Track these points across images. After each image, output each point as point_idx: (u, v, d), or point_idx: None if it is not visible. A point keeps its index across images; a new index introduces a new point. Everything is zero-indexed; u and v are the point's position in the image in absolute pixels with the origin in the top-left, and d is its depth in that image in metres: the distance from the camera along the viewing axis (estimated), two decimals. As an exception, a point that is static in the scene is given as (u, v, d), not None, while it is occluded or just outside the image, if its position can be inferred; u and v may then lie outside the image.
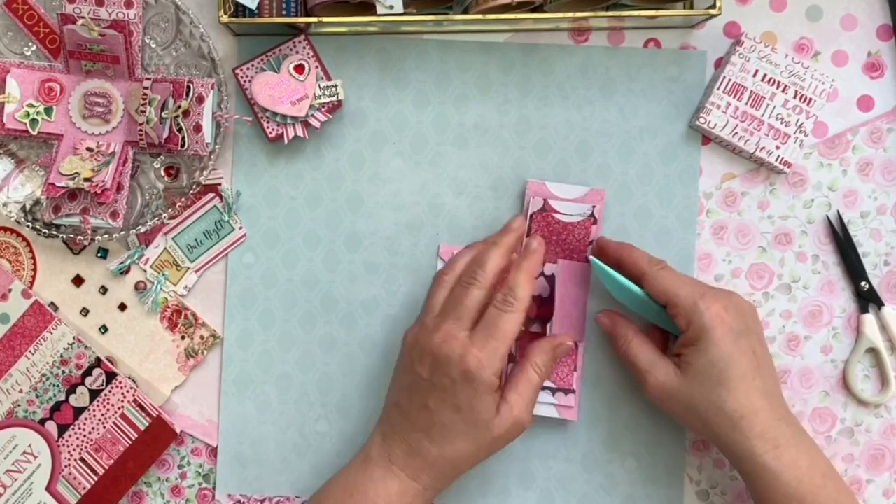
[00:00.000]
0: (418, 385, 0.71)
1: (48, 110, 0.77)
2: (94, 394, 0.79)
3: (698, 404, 0.71)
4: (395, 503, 0.71)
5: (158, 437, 0.79)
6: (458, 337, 0.70)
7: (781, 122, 0.78)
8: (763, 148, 0.78)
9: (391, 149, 0.81)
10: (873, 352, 0.81)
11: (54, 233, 0.78)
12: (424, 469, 0.72)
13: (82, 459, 0.79)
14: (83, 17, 0.74)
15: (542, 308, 0.79)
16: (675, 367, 0.73)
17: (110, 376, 0.79)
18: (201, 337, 0.81)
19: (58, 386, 0.79)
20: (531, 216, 0.79)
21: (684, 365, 0.72)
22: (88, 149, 0.77)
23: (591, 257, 0.75)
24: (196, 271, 0.81)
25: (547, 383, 0.79)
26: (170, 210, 0.78)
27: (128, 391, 0.79)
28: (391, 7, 0.72)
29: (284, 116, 0.78)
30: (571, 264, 0.79)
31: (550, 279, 0.78)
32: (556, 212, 0.79)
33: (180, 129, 0.76)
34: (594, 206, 0.79)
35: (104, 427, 0.79)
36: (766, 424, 0.69)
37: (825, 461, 0.71)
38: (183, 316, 0.81)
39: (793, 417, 0.72)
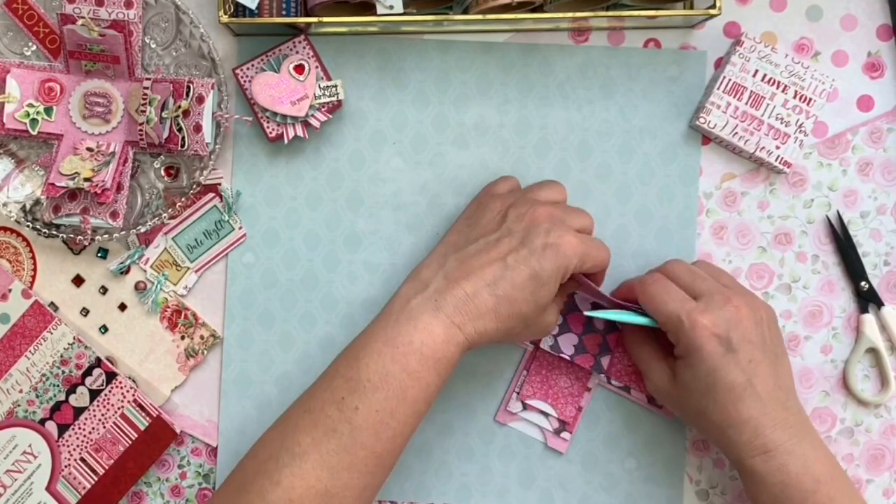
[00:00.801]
0: (502, 236, 0.70)
1: (48, 110, 0.77)
2: (94, 394, 0.79)
3: (687, 411, 0.74)
4: (441, 351, 0.68)
5: (158, 437, 0.79)
6: (564, 220, 0.71)
7: (781, 122, 0.78)
8: (763, 148, 0.78)
9: (391, 149, 0.81)
10: (873, 352, 0.81)
11: (54, 233, 0.78)
12: (473, 319, 0.69)
13: (82, 459, 0.79)
14: (83, 17, 0.74)
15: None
16: (669, 372, 0.74)
17: (110, 376, 0.79)
18: (201, 337, 0.81)
19: (58, 386, 0.79)
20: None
21: (676, 373, 0.73)
22: (88, 149, 0.77)
23: (586, 314, 0.75)
24: (196, 271, 0.81)
25: (551, 410, 0.80)
26: (170, 210, 0.78)
27: (128, 391, 0.79)
28: (391, 7, 0.72)
29: (284, 116, 0.78)
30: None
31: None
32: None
33: (180, 129, 0.76)
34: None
35: (104, 427, 0.79)
36: (755, 432, 0.70)
37: (824, 466, 0.70)
38: (183, 316, 0.81)
39: (796, 418, 0.71)
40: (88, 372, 0.79)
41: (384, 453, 0.68)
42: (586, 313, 0.75)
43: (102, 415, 0.79)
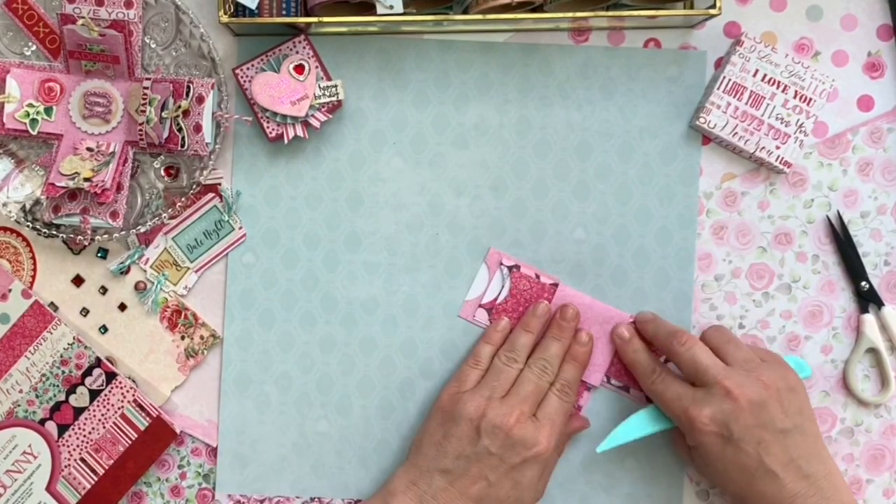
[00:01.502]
0: (482, 458, 0.73)
1: (48, 110, 0.77)
2: (94, 394, 0.79)
3: (710, 479, 0.76)
4: None
5: (158, 437, 0.79)
6: (531, 420, 0.74)
7: (781, 122, 0.78)
8: (763, 148, 0.78)
9: (391, 149, 0.81)
10: (873, 352, 0.81)
11: (54, 233, 0.78)
12: None
13: (82, 459, 0.79)
14: (83, 17, 0.74)
15: None
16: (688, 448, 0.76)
17: (110, 376, 0.79)
18: (201, 337, 0.81)
19: (58, 386, 0.79)
20: (511, 274, 0.80)
21: (693, 452, 0.75)
22: (88, 149, 0.77)
23: (598, 450, 0.76)
24: (196, 271, 0.81)
25: None
26: (170, 210, 0.78)
27: (128, 391, 0.79)
28: (391, 7, 0.72)
29: (284, 116, 0.78)
30: (596, 311, 0.80)
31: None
32: (496, 303, 0.80)
33: (180, 129, 0.76)
34: (499, 269, 0.80)
35: (104, 427, 0.79)
36: (774, 501, 0.71)
37: None
38: (183, 316, 0.81)
39: (821, 484, 0.71)
40: (88, 372, 0.79)
41: None
42: (598, 450, 0.77)
43: (102, 415, 0.79)
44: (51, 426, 0.79)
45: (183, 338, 0.81)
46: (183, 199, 0.79)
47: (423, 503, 0.74)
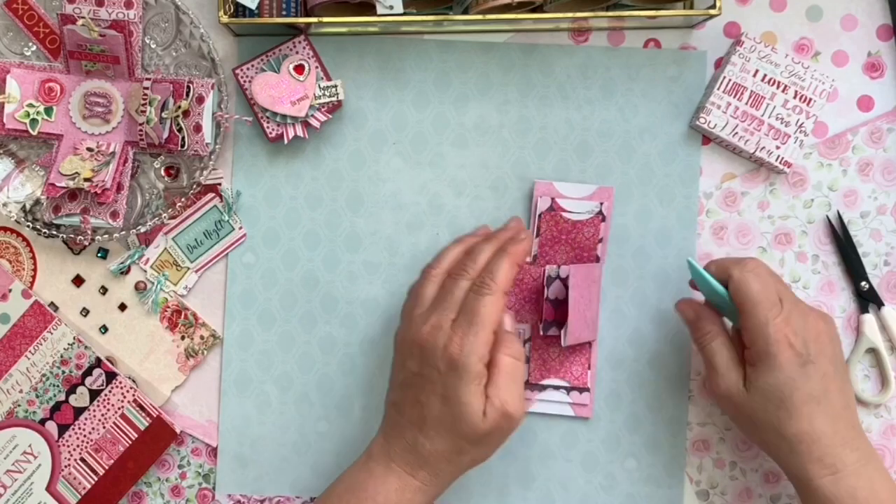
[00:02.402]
0: (410, 380, 0.71)
1: (48, 110, 0.77)
2: (94, 394, 0.79)
3: (758, 422, 0.70)
4: (394, 499, 0.71)
5: (158, 437, 0.79)
6: (443, 327, 0.69)
7: (781, 122, 0.78)
8: (763, 148, 0.78)
9: (391, 149, 0.81)
10: (873, 352, 0.81)
11: (54, 233, 0.78)
12: (421, 465, 0.71)
13: (82, 459, 0.79)
14: (83, 17, 0.74)
15: (558, 311, 0.79)
16: (743, 379, 0.71)
17: (110, 376, 0.79)
18: (201, 337, 0.81)
19: (58, 386, 0.79)
20: (540, 215, 0.79)
21: (749, 380, 0.70)
22: (88, 149, 0.77)
23: (688, 259, 0.72)
24: (196, 271, 0.81)
25: (561, 382, 0.79)
26: (170, 210, 0.78)
27: (128, 391, 0.79)
28: (391, 7, 0.72)
29: (284, 116, 0.78)
30: (585, 267, 0.78)
31: (565, 281, 0.78)
32: (564, 210, 0.79)
33: (180, 129, 0.76)
34: (602, 204, 0.79)
35: (104, 427, 0.79)
36: (826, 450, 0.68)
37: (890, 493, 0.69)
38: (183, 316, 0.81)
39: (862, 441, 0.70)
40: (88, 372, 0.79)
41: None
42: (688, 259, 0.72)
43: (102, 415, 0.79)
44: (51, 426, 0.79)
45: (183, 338, 0.81)
46: (183, 199, 0.79)
47: (386, 437, 0.73)
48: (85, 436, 0.79)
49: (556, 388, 0.80)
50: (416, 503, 0.72)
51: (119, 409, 0.79)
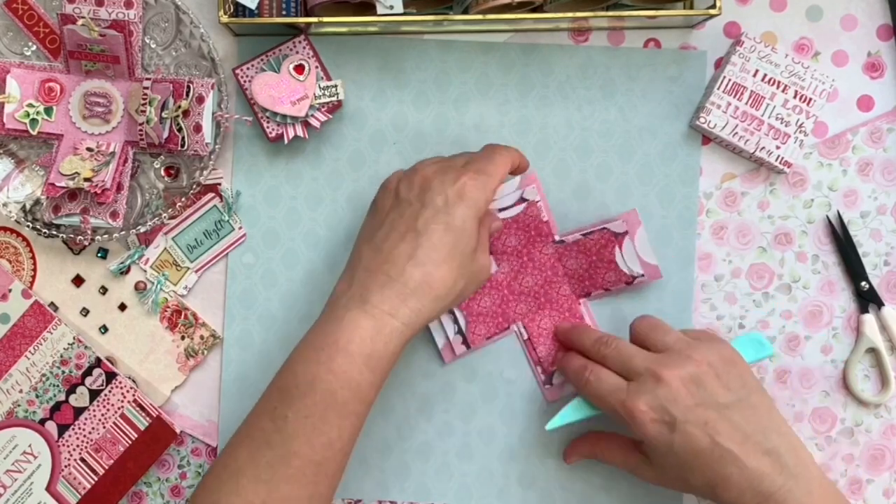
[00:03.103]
0: (403, 210, 0.69)
1: (48, 110, 0.77)
2: (94, 394, 0.79)
3: (675, 487, 0.72)
4: (370, 347, 0.66)
5: (158, 437, 0.79)
6: (452, 166, 0.71)
7: (781, 122, 0.78)
8: (763, 148, 0.78)
9: (391, 149, 0.81)
10: (873, 352, 0.81)
11: (54, 233, 0.78)
12: (404, 300, 0.67)
13: (82, 459, 0.79)
14: (83, 17, 0.74)
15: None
16: (643, 458, 0.73)
17: (110, 376, 0.79)
18: (201, 337, 0.81)
19: (58, 386, 0.79)
20: None
21: (648, 457, 0.72)
22: (88, 149, 0.77)
23: (546, 428, 0.74)
24: (196, 271, 0.81)
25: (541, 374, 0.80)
26: (170, 210, 0.78)
27: (128, 391, 0.79)
28: (391, 7, 0.72)
29: (284, 116, 0.78)
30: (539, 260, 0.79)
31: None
32: (500, 211, 0.79)
33: (180, 129, 0.76)
34: (523, 190, 0.79)
35: (104, 427, 0.79)
36: (739, 490, 0.66)
37: (821, 492, 0.67)
38: (183, 316, 0.81)
39: (786, 458, 0.67)
40: (88, 372, 0.79)
41: (322, 461, 0.65)
42: (546, 427, 0.74)
43: (102, 415, 0.79)
44: (51, 426, 0.79)
45: (183, 338, 0.81)
46: (183, 199, 0.79)
47: (353, 280, 0.69)
48: (85, 436, 0.79)
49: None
50: (392, 347, 0.67)
51: (119, 409, 0.79)
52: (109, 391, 0.79)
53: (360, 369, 0.66)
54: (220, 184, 0.80)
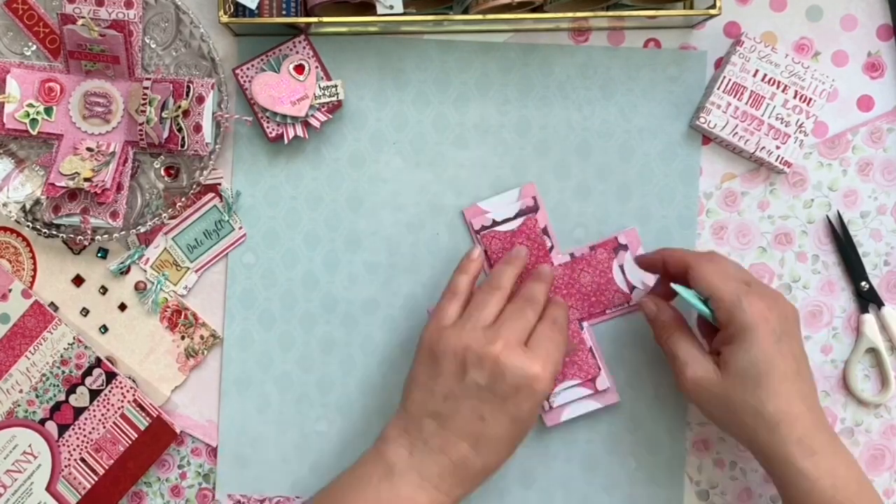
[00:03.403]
0: (470, 391, 0.69)
1: (48, 110, 0.77)
2: (94, 394, 0.79)
3: (736, 405, 0.69)
4: None
5: (158, 437, 0.79)
6: (522, 349, 0.69)
7: (781, 122, 0.78)
8: (763, 148, 0.78)
9: (391, 149, 0.81)
10: (873, 352, 0.81)
11: (54, 233, 0.78)
12: (460, 483, 0.70)
13: (82, 459, 0.79)
14: (83, 17, 0.74)
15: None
16: (715, 364, 0.70)
17: (110, 376, 0.79)
18: (201, 337, 0.81)
19: (58, 386, 0.79)
20: (481, 238, 0.79)
21: (724, 363, 0.69)
22: (88, 149, 0.77)
23: (673, 286, 0.72)
24: (196, 271, 0.81)
25: (573, 381, 0.79)
26: (170, 210, 0.78)
27: (128, 391, 0.79)
28: (391, 7, 0.72)
29: (284, 116, 0.78)
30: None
31: None
32: (498, 223, 0.79)
33: (180, 129, 0.76)
34: (533, 198, 0.79)
35: (104, 427, 0.79)
36: (804, 430, 0.67)
37: (859, 470, 0.69)
38: (183, 316, 0.81)
39: (829, 424, 0.70)
40: (88, 372, 0.79)
41: None
42: (673, 286, 0.72)
43: (102, 415, 0.79)
44: (51, 426, 0.79)
45: (183, 338, 0.81)
46: (183, 199, 0.79)
47: (414, 450, 0.69)
48: (85, 436, 0.79)
49: (573, 387, 0.79)
50: None
51: (119, 409, 0.79)
52: (109, 391, 0.79)
53: None
54: (220, 184, 0.80)
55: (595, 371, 0.79)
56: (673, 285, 0.72)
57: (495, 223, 0.79)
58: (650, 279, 0.79)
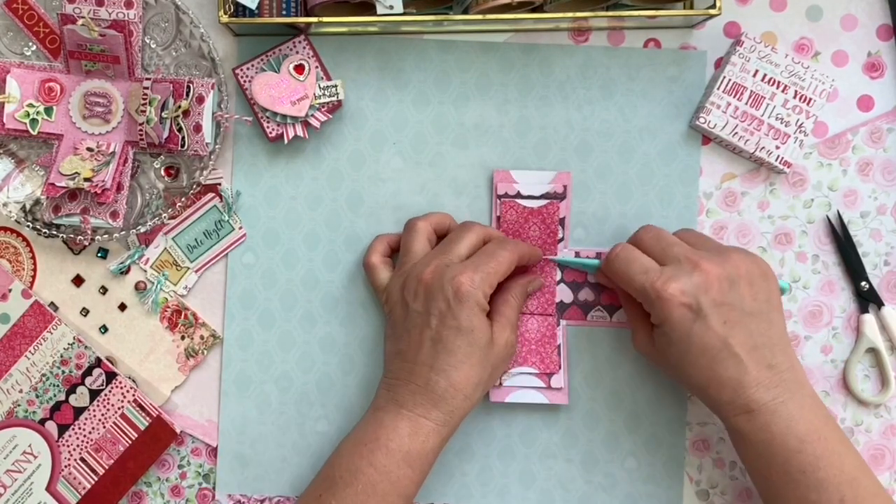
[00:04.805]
0: (415, 320, 0.72)
1: (48, 110, 0.77)
2: (94, 394, 0.79)
3: (668, 371, 0.75)
4: (408, 444, 0.71)
5: (158, 437, 0.79)
6: (449, 265, 0.73)
7: (781, 122, 0.78)
8: (763, 148, 0.78)
9: (391, 149, 0.81)
10: (873, 352, 0.81)
11: (54, 233, 0.78)
12: (435, 403, 0.72)
13: (82, 459, 0.79)
14: (83, 17, 0.74)
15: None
16: (651, 335, 0.74)
17: (110, 376, 0.79)
18: (201, 337, 0.81)
19: (58, 386, 0.79)
20: (500, 201, 0.80)
21: (655, 339, 0.73)
22: (88, 149, 0.77)
23: (551, 258, 0.77)
24: (196, 271, 0.81)
25: (530, 369, 0.79)
26: (170, 210, 0.78)
27: (128, 391, 0.79)
28: (391, 7, 0.72)
29: (284, 116, 0.78)
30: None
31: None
32: (523, 197, 0.79)
33: (180, 129, 0.76)
34: (555, 188, 0.79)
35: (104, 427, 0.79)
36: (735, 392, 0.69)
37: (811, 424, 0.69)
38: (183, 316, 0.81)
39: (785, 376, 0.70)
40: (88, 372, 0.79)
41: None
42: (550, 257, 0.77)
43: (102, 415, 0.79)
44: (51, 426, 0.79)
45: (183, 338, 0.81)
46: (183, 199, 0.79)
47: (390, 387, 0.73)
48: (85, 436, 0.79)
49: (528, 374, 0.80)
50: (430, 445, 0.72)
51: (119, 408, 0.79)
52: (109, 391, 0.79)
53: (398, 464, 0.71)
54: (220, 184, 0.80)
55: (555, 368, 0.79)
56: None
57: (519, 195, 0.79)
58: None
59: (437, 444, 0.72)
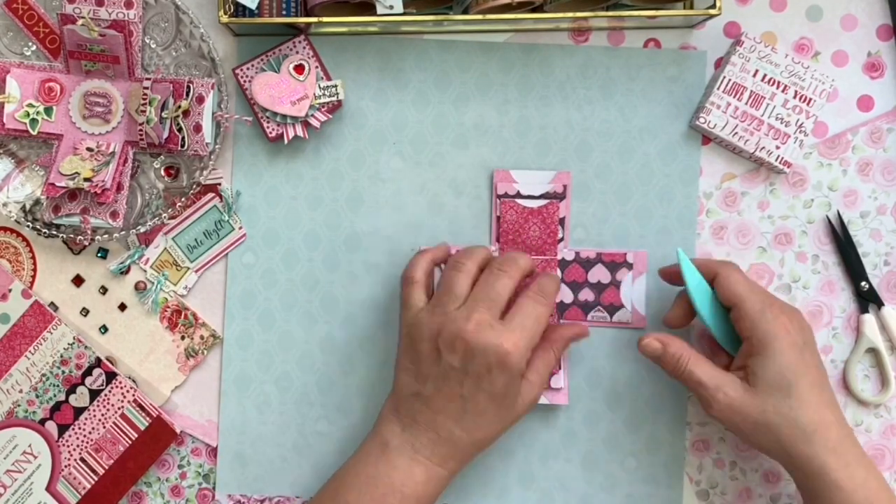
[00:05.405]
0: (447, 374, 0.70)
1: (48, 110, 0.77)
2: (94, 394, 0.79)
3: (770, 418, 0.69)
4: (421, 491, 0.72)
5: (158, 437, 0.79)
6: (493, 326, 0.70)
7: (781, 122, 0.78)
8: (763, 148, 0.78)
9: (391, 149, 0.81)
10: (873, 352, 0.81)
11: (54, 233, 0.78)
12: (453, 456, 0.72)
13: (82, 459, 0.79)
14: (83, 17, 0.74)
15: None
16: (741, 381, 0.70)
17: (110, 376, 0.79)
18: (201, 337, 0.81)
19: (58, 386, 0.79)
20: (500, 201, 0.80)
21: (752, 377, 0.70)
22: (88, 149, 0.77)
23: (679, 250, 0.74)
24: (196, 271, 0.81)
25: None
26: (170, 210, 0.78)
27: (128, 391, 0.79)
28: (391, 7, 0.72)
29: (284, 116, 0.78)
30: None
31: None
32: (523, 197, 0.79)
33: (180, 129, 0.76)
34: (555, 188, 0.79)
35: (104, 427, 0.79)
36: (837, 439, 0.68)
37: (886, 483, 0.70)
38: (183, 316, 0.81)
39: (855, 437, 0.71)
40: (88, 372, 0.79)
41: None
42: (678, 249, 0.73)
43: (102, 415, 0.79)
44: (51, 426, 0.79)
45: (183, 338, 0.81)
46: (183, 199, 0.79)
47: (405, 426, 0.72)
48: (85, 436, 0.79)
49: None
50: (441, 487, 0.73)
51: (119, 409, 0.79)
52: (109, 391, 0.79)
53: None
54: (220, 184, 0.80)
55: (555, 368, 0.79)
56: (680, 250, 0.74)
57: (519, 195, 0.79)
58: (640, 303, 0.79)
59: (443, 489, 0.74)
